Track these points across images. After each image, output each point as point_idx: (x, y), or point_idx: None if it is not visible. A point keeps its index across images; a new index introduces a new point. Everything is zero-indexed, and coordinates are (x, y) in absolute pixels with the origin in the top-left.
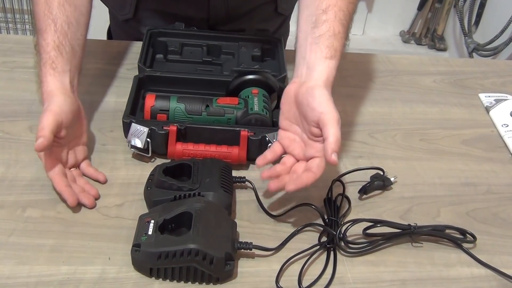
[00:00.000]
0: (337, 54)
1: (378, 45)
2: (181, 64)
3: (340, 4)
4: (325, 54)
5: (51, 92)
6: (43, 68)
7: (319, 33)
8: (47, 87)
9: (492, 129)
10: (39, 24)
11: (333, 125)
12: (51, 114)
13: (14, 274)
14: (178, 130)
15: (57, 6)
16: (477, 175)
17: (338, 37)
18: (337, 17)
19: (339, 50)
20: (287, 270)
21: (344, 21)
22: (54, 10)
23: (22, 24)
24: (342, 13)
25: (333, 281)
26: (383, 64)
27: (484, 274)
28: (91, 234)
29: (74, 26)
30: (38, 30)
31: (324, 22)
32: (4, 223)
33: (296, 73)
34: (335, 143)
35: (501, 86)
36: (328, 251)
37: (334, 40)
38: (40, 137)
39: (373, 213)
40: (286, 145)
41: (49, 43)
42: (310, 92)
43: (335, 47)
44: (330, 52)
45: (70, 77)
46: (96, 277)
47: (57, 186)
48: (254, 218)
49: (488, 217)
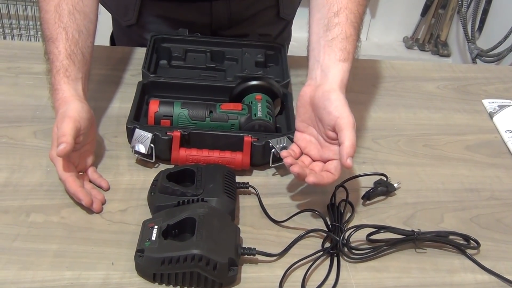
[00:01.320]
0: (350, 56)
1: (382, 51)
2: (185, 70)
3: (351, 7)
4: (339, 57)
5: (67, 99)
6: (57, 76)
7: (332, 36)
8: (62, 94)
9: (496, 135)
10: (49, 32)
11: (349, 129)
12: (71, 121)
13: (18, 279)
14: (181, 136)
15: (67, 14)
16: (480, 181)
17: (350, 40)
18: (349, 20)
19: (352, 52)
20: (290, 275)
21: (355, 23)
22: (64, 18)
23: (27, 30)
24: (353, 16)
25: (336, 287)
26: (387, 70)
27: (488, 280)
28: (94, 239)
29: (84, 34)
30: (48, 37)
31: (336, 25)
32: (8, 228)
33: (310, 75)
34: (351, 148)
35: (504, 92)
36: (331, 257)
37: (346, 43)
38: (62, 143)
39: (377, 219)
40: (303, 147)
41: (61, 51)
42: (326, 96)
43: (348, 50)
44: (344, 54)
45: (82, 84)
46: (99, 282)
47: (71, 187)
48: (258, 223)
49: (492, 223)
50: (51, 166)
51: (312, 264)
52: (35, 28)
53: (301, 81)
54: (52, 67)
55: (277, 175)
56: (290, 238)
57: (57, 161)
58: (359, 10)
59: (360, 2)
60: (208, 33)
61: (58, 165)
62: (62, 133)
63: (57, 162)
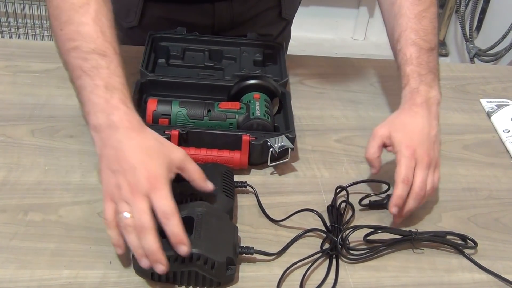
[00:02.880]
0: (409, 78)
1: (380, 50)
2: (183, 69)
3: (411, 25)
4: (401, 84)
5: (135, 127)
6: (114, 100)
7: (397, 65)
8: (132, 119)
9: (494, 135)
10: (94, 45)
11: (397, 183)
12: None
13: (15, 278)
14: (180, 135)
15: (108, 29)
16: (478, 180)
17: (409, 61)
18: (409, 41)
19: (410, 73)
20: (288, 275)
21: (417, 39)
22: (106, 32)
23: (25, 28)
24: (414, 33)
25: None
26: (385, 69)
27: (485, 279)
28: (92, 238)
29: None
30: (92, 50)
31: (399, 51)
32: (5, 227)
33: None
34: (395, 199)
35: (502, 91)
36: (330, 257)
37: (406, 66)
38: (159, 263)
39: (375, 218)
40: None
41: (117, 73)
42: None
43: (408, 73)
44: (404, 80)
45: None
46: (97, 281)
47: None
48: (256, 222)
49: (490, 222)
50: (49, 165)
51: (311, 265)
52: (32, 26)
53: (299, 80)
54: (105, 84)
55: (275, 174)
56: (288, 237)
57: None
58: (422, 23)
59: (422, 14)
60: (210, 34)
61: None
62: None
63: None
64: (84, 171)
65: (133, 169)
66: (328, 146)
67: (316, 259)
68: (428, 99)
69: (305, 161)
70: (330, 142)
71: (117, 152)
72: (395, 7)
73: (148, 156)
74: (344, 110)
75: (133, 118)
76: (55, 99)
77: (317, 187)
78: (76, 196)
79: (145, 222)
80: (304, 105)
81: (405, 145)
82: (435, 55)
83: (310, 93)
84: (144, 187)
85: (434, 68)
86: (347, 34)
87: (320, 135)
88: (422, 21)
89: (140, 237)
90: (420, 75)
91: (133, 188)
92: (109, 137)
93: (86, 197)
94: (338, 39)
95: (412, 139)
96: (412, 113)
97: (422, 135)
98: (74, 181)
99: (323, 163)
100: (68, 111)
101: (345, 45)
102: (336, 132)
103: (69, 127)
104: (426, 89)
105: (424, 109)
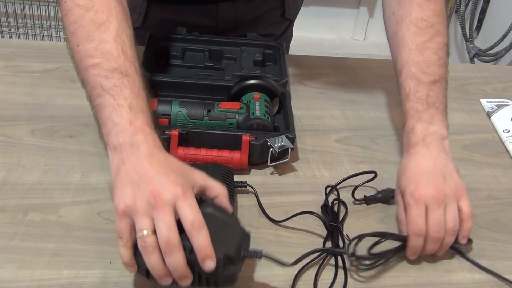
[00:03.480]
0: (408, 115)
1: (380, 50)
2: (183, 69)
3: (413, 57)
4: (403, 122)
5: (165, 151)
6: (138, 122)
7: (399, 99)
8: (156, 141)
9: (494, 135)
10: (116, 64)
11: (410, 236)
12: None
13: (15, 278)
14: (180, 135)
15: (129, 48)
16: (478, 180)
17: (409, 97)
18: (409, 74)
19: (409, 110)
20: (288, 275)
21: (417, 72)
22: (129, 52)
23: (25, 28)
24: (414, 66)
25: (336, 286)
26: (385, 69)
27: (485, 279)
28: (92, 238)
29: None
30: (113, 69)
31: (400, 85)
32: (5, 227)
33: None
34: (411, 251)
35: (502, 91)
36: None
37: (406, 102)
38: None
39: (375, 219)
40: None
41: (140, 94)
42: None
43: (407, 109)
44: (404, 118)
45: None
46: (97, 281)
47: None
48: (256, 223)
49: (490, 222)
50: (49, 165)
51: (320, 265)
52: (32, 26)
53: (299, 80)
54: (131, 104)
55: (275, 174)
56: (289, 237)
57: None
58: (424, 54)
59: (425, 45)
60: (213, 35)
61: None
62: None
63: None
64: (84, 171)
65: (157, 177)
66: (328, 146)
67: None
68: (425, 136)
69: (305, 161)
70: (330, 142)
71: (137, 166)
72: (397, 37)
73: (171, 170)
74: (344, 110)
75: (157, 141)
76: (55, 99)
77: (317, 187)
78: (76, 196)
79: (172, 238)
80: (304, 105)
81: (408, 193)
82: (439, 88)
83: (310, 93)
84: (170, 195)
85: (438, 102)
86: (347, 34)
87: (320, 135)
88: (424, 52)
89: (167, 254)
90: (417, 112)
91: (156, 197)
92: (130, 155)
93: (86, 197)
94: (338, 39)
95: (415, 182)
96: (410, 156)
97: (426, 174)
98: (74, 181)
99: (323, 163)
100: (68, 111)
101: (345, 45)
102: (336, 132)
103: (69, 127)
104: (423, 127)
105: (422, 147)
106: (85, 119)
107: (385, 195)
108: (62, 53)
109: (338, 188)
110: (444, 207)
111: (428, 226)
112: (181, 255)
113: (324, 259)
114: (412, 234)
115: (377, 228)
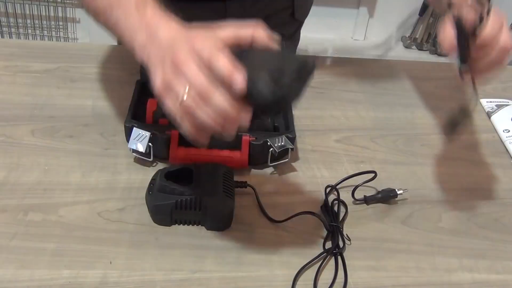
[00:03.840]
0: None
1: (380, 50)
2: None
3: None
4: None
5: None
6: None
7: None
8: (171, 18)
9: (494, 135)
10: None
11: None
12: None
13: (15, 278)
14: (180, 135)
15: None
16: (478, 180)
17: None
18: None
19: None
20: (288, 275)
21: None
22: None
23: (25, 28)
24: None
25: (338, 286)
26: (385, 69)
27: (485, 279)
28: (92, 238)
29: None
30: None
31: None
32: (5, 227)
33: None
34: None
35: (502, 91)
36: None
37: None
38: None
39: (375, 218)
40: None
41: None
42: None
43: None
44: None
45: None
46: (97, 281)
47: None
48: (255, 223)
49: (490, 222)
50: (49, 165)
51: (320, 265)
52: (32, 26)
53: None
54: (138, 3)
55: (275, 174)
56: (288, 237)
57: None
58: None
59: None
60: None
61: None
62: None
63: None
64: (84, 171)
65: (173, 44)
66: (328, 146)
67: (323, 258)
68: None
69: (305, 161)
70: (330, 142)
71: (165, 39)
72: None
73: (185, 32)
74: (344, 110)
75: (173, 18)
76: (55, 99)
77: (317, 187)
78: (76, 196)
79: (204, 82)
80: (304, 105)
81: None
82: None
83: (310, 93)
84: (184, 51)
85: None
86: (347, 34)
87: (320, 135)
88: None
89: (206, 103)
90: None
91: (175, 61)
92: (153, 39)
93: (86, 197)
94: (338, 39)
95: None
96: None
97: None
98: (74, 181)
99: (323, 163)
100: (68, 111)
101: (345, 45)
102: (336, 132)
103: (69, 127)
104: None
105: None
106: (85, 119)
107: (385, 195)
108: (62, 53)
109: (338, 188)
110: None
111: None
112: (222, 94)
113: (324, 259)
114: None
115: (377, 228)
